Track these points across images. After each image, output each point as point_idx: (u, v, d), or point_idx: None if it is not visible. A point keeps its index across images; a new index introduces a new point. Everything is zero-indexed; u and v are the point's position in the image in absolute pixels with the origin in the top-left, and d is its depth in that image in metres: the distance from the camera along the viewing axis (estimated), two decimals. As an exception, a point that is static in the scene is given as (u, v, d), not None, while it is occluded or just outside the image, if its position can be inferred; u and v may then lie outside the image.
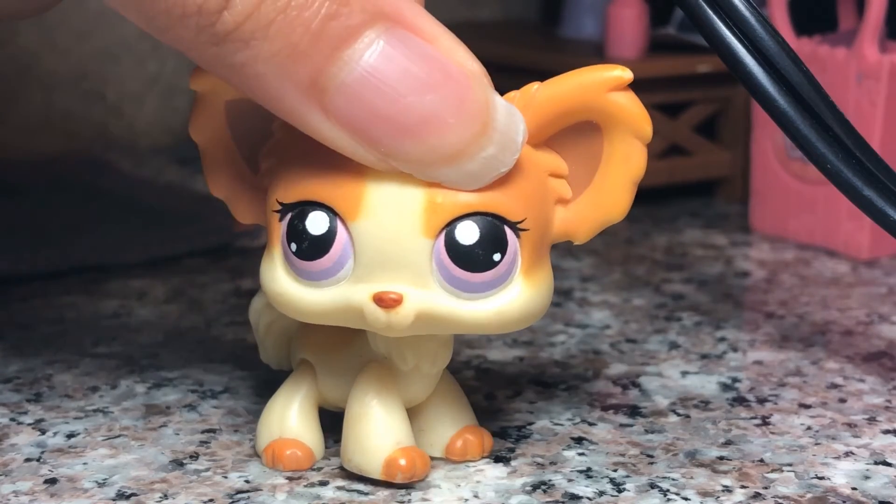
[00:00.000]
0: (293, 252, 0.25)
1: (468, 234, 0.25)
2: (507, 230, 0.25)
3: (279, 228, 0.25)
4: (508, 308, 0.25)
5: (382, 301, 0.25)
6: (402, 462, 0.26)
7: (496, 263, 0.25)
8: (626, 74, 0.25)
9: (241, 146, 0.27)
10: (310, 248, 0.25)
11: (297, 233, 0.25)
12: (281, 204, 0.25)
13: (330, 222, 0.25)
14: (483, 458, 0.28)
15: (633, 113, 0.26)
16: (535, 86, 0.25)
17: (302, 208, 0.25)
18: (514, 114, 0.25)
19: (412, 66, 0.24)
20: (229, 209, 0.28)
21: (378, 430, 0.26)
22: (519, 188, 0.25)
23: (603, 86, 0.25)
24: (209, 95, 0.26)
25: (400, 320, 0.25)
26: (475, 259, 0.25)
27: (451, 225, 0.25)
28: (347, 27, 0.23)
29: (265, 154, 0.27)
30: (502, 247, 0.25)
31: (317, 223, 0.25)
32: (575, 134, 0.26)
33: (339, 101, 0.24)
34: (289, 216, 0.25)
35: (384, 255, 0.25)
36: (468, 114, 0.24)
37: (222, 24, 0.23)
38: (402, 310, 0.25)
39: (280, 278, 0.26)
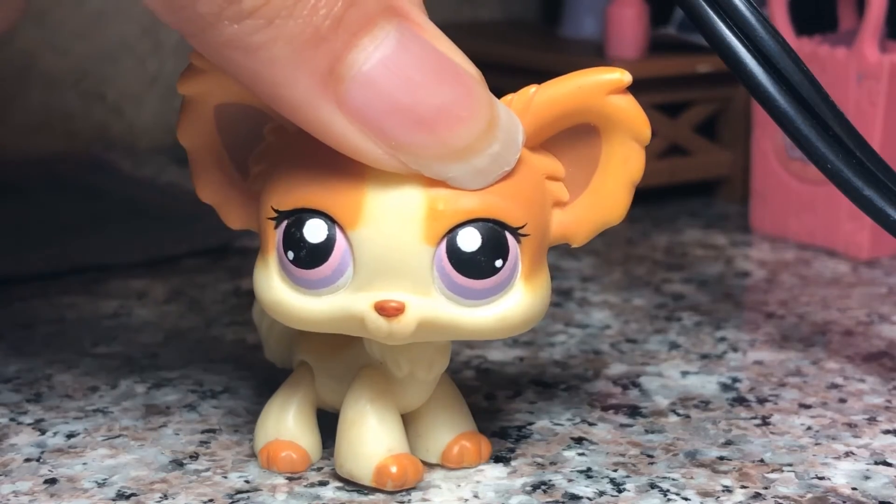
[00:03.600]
0: (290, 260, 0.25)
1: (470, 240, 0.24)
2: (509, 236, 0.25)
3: (274, 236, 0.25)
4: (510, 314, 0.25)
5: (384, 310, 0.24)
6: (393, 469, 0.26)
7: (498, 270, 0.25)
8: (626, 77, 0.25)
9: (231, 151, 0.27)
10: (308, 257, 0.25)
11: (294, 241, 0.25)
12: (276, 211, 0.25)
13: (328, 230, 0.24)
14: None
15: (633, 116, 0.25)
16: (532, 88, 0.25)
17: (299, 216, 0.25)
18: (512, 114, 0.25)
19: (425, 58, 0.24)
20: (219, 214, 0.27)
21: (370, 437, 0.26)
22: (518, 193, 0.25)
23: (602, 89, 0.25)
24: (198, 99, 0.26)
25: (402, 329, 0.24)
26: (477, 266, 0.24)
27: (452, 232, 0.24)
28: (365, 15, 0.23)
29: (255, 158, 0.26)
30: (504, 253, 0.25)
31: (315, 231, 0.24)
32: (571, 136, 0.26)
33: (354, 91, 0.23)
34: (284, 223, 0.25)
35: (385, 263, 0.24)
36: (477, 109, 0.24)
37: None
38: (405, 318, 0.24)
39: (275, 287, 0.25)
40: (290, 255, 0.25)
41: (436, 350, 0.26)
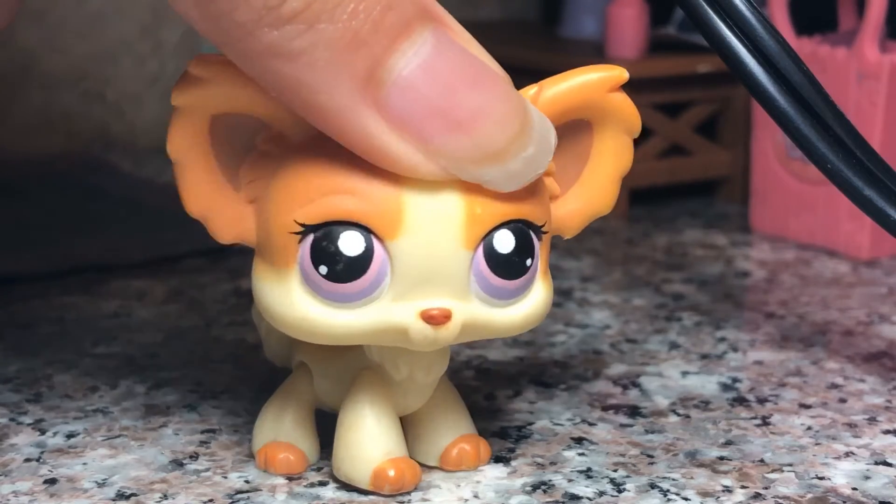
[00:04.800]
0: (323, 275, 0.24)
1: (505, 242, 0.25)
2: (533, 235, 0.25)
3: (297, 250, 0.24)
4: (534, 310, 0.26)
5: (433, 318, 0.24)
6: (391, 473, 0.26)
7: (528, 269, 0.25)
8: (624, 74, 0.26)
9: (221, 162, 0.26)
10: (345, 270, 0.24)
11: (327, 255, 0.24)
12: (302, 225, 0.24)
13: (366, 242, 0.24)
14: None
15: (630, 111, 0.26)
16: (532, 88, 0.26)
17: (329, 229, 0.24)
18: (545, 118, 0.25)
19: (461, 62, 0.24)
20: (207, 228, 0.26)
21: (368, 440, 0.26)
22: (537, 192, 0.25)
23: (603, 86, 0.26)
24: (191, 110, 0.25)
25: (448, 335, 0.25)
26: (512, 266, 0.25)
27: (488, 235, 0.24)
28: (403, 19, 0.23)
29: (248, 169, 0.26)
30: (532, 252, 0.25)
31: (352, 244, 0.24)
32: (561, 131, 0.26)
33: (394, 95, 0.23)
34: (311, 237, 0.24)
35: (426, 271, 0.24)
36: (512, 111, 0.24)
37: (291, 2, 0.22)
38: (451, 325, 0.24)
39: (299, 302, 0.25)
40: (323, 269, 0.24)
41: (434, 353, 0.26)
